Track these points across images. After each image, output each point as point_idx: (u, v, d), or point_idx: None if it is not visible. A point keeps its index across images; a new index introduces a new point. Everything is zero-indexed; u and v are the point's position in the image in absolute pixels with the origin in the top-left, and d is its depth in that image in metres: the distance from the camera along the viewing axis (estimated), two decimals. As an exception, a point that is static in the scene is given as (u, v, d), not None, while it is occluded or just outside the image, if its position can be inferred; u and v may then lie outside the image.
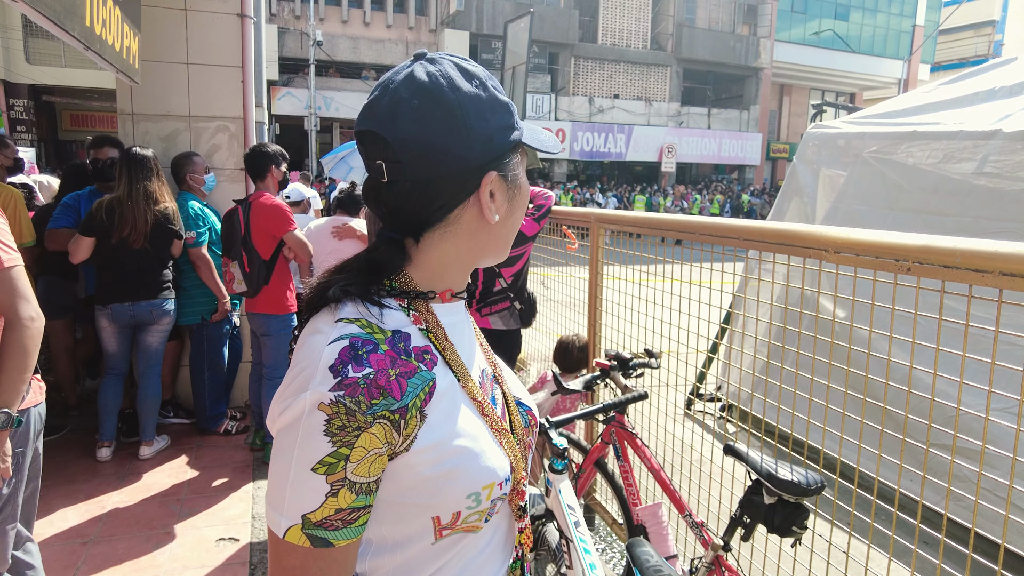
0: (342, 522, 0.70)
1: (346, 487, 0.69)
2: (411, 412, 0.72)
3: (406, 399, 0.72)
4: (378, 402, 0.70)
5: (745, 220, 1.87)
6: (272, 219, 3.54)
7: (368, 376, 0.70)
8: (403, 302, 0.80)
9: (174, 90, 4.18)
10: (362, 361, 0.71)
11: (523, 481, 0.87)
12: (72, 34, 2.15)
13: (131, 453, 3.76)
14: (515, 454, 0.85)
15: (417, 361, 0.76)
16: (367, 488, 0.71)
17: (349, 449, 0.69)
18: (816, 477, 1.71)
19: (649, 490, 2.60)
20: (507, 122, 0.81)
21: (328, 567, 0.71)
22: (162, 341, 3.76)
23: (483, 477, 0.78)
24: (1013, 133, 3.39)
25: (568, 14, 25.35)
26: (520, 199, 0.86)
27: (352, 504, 0.70)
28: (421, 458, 0.74)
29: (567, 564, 1.74)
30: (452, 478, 0.75)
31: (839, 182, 4.41)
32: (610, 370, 2.35)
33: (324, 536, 0.69)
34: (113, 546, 2.84)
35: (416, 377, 0.74)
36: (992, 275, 1.23)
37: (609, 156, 26.77)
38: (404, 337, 0.77)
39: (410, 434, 0.73)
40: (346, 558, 0.73)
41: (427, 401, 0.74)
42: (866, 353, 1.68)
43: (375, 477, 0.72)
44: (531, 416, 0.96)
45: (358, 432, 0.69)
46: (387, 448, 0.71)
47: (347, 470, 0.69)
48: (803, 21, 29.72)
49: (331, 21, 23.46)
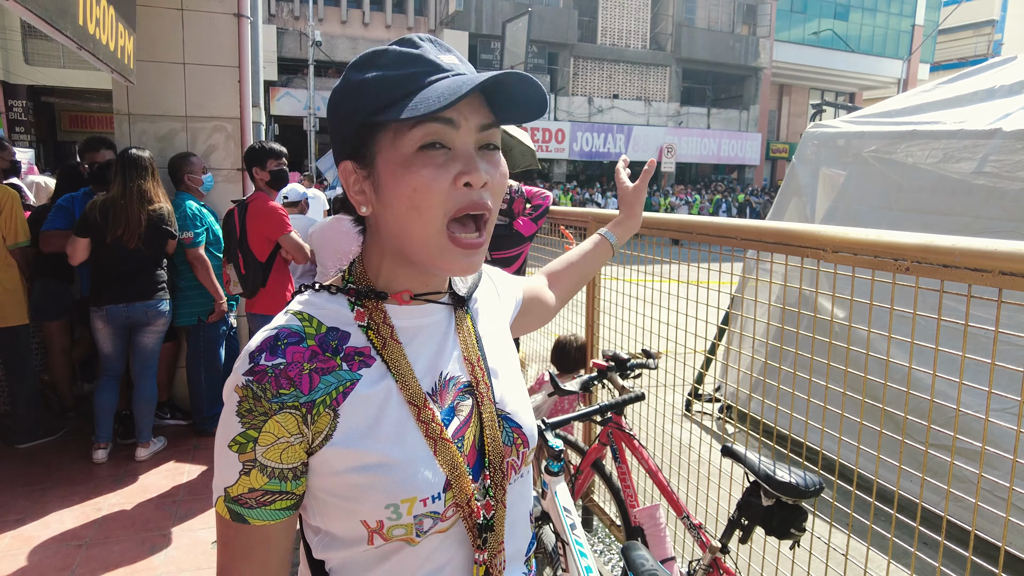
0: (256, 502, 0.72)
1: (257, 468, 0.72)
2: (319, 408, 0.73)
3: (314, 395, 0.73)
4: (286, 392, 0.72)
5: (742, 220, 1.86)
6: (267, 222, 3.53)
7: (278, 367, 0.72)
8: (352, 297, 0.81)
9: (170, 90, 4.17)
10: (277, 352, 0.73)
11: (471, 499, 0.78)
12: (65, 33, 2.14)
13: (127, 455, 3.74)
14: (455, 470, 0.77)
15: (344, 360, 0.76)
16: (280, 474, 0.72)
17: (257, 432, 0.71)
18: (814, 479, 1.69)
19: (647, 492, 2.59)
20: (354, 107, 0.75)
21: (248, 543, 0.74)
22: (158, 342, 3.74)
23: (402, 490, 0.74)
24: (1013, 132, 3.38)
25: (567, 14, 25.36)
26: (392, 190, 0.74)
27: (265, 487, 0.72)
28: (339, 457, 0.74)
29: (563, 567, 1.73)
30: (371, 485, 0.73)
31: (839, 181, 4.40)
32: (607, 371, 2.34)
33: (240, 512, 0.72)
34: (109, 549, 2.83)
35: (332, 375, 0.75)
36: (992, 274, 1.21)
37: (609, 156, 26.76)
38: (340, 336, 0.78)
39: (321, 430, 0.73)
40: (267, 539, 0.74)
41: (340, 400, 0.74)
42: (865, 353, 1.66)
43: (290, 465, 0.73)
44: (518, 435, 0.87)
45: (264, 417, 0.71)
46: (300, 440, 0.73)
47: (256, 452, 0.71)
48: (802, 21, 29.74)
49: (330, 21, 23.47)
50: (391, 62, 0.74)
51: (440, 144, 0.73)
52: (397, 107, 0.71)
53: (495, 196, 0.78)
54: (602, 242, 1.37)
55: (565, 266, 1.33)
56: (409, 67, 0.74)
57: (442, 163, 0.73)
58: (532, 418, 0.92)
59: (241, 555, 0.74)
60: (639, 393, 2.24)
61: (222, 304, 3.93)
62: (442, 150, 0.73)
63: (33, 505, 3.18)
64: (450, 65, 0.75)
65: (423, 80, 0.72)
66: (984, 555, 1.44)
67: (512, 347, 0.99)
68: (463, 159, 0.74)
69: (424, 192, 0.72)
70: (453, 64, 0.75)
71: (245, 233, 3.56)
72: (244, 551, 0.74)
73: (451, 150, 0.74)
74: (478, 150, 0.76)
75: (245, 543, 0.74)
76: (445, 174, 0.73)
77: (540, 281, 1.26)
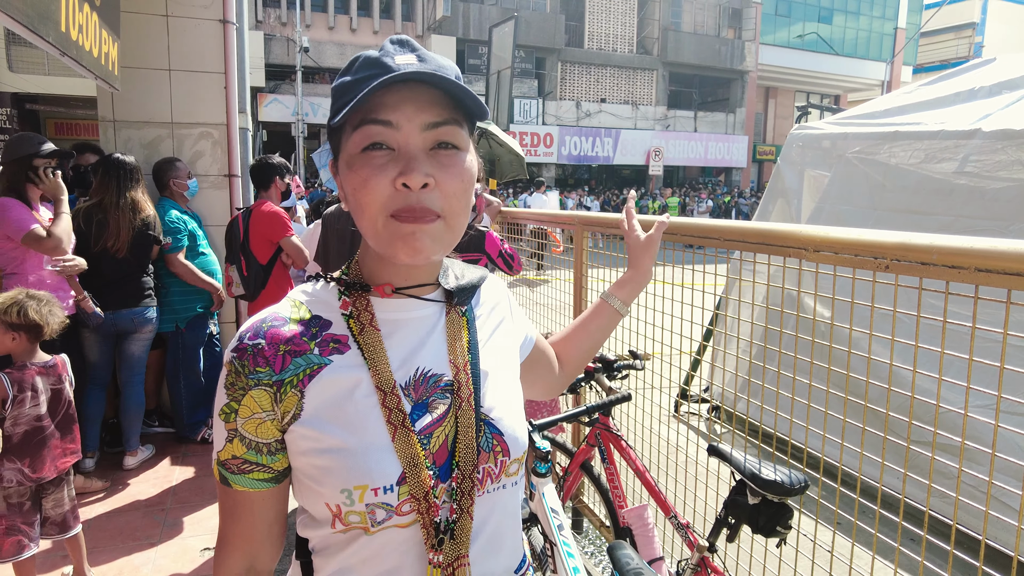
0: (237, 469, 0.79)
1: (238, 438, 0.79)
2: (286, 388, 0.78)
3: (284, 374, 0.78)
4: (262, 371, 0.77)
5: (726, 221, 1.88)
6: (270, 225, 3.60)
7: (257, 346, 0.78)
8: (342, 287, 0.85)
9: (156, 97, 4.15)
10: (260, 333, 0.79)
11: (429, 495, 0.77)
12: (47, 39, 2.13)
13: (115, 463, 3.71)
14: (412, 462, 0.76)
15: (318, 346, 0.80)
16: (256, 446, 0.79)
17: (237, 404, 0.78)
18: (799, 476, 1.70)
19: (635, 492, 2.59)
20: (336, 107, 0.78)
21: (234, 506, 0.82)
22: (144, 349, 3.73)
23: (354, 476, 0.75)
24: (992, 132, 3.42)
25: (554, 19, 25.44)
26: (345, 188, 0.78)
27: (244, 456, 0.79)
28: (304, 438, 0.78)
29: (552, 568, 1.73)
30: (328, 468, 0.77)
31: (823, 183, 4.44)
32: (594, 372, 2.35)
33: (225, 475, 0.80)
34: (95, 558, 2.80)
35: (302, 358, 0.79)
36: (968, 271, 1.23)
37: (597, 160, 26.85)
38: (322, 323, 0.82)
39: (289, 410, 0.78)
40: (250, 504, 0.81)
41: (306, 382, 0.78)
42: (847, 351, 1.68)
43: (264, 440, 0.79)
44: (498, 442, 0.84)
45: (243, 391, 0.78)
46: (271, 417, 0.78)
47: (237, 423, 0.78)
48: (787, 24, 29.99)
49: (318, 27, 23.42)
50: (358, 67, 0.77)
51: (384, 145, 0.74)
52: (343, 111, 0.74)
53: (446, 197, 0.76)
54: (605, 308, 1.24)
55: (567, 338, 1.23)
56: (365, 71, 0.75)
57: (381, 164, 0.74)
58: (521, 429, 0.88)
59: (228, 515, 0.83)
60: (626, 394, 2.25)
61: (221, 293, 4.00)
62: (384, 151, 0.74)
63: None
64: (400, 65, 0.74)
65: (369, 84, 0.72)
66: (969, 550, 1.45)
67: (514, 362, 0.97)
68: (404, 160, 0.74)
69: (363, 191, 0.75)
70: (405, 64, 0.74)
71: (248, 237, 3.63)
72: (230, 512, 0.83)
73: (394, 151, 0.75)
74: (431, 150, 0.76)
75: (231, 505, 0.82)
76: (383, 175, 0.74)
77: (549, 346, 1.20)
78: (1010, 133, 3.34)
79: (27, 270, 3.12)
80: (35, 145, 3.15)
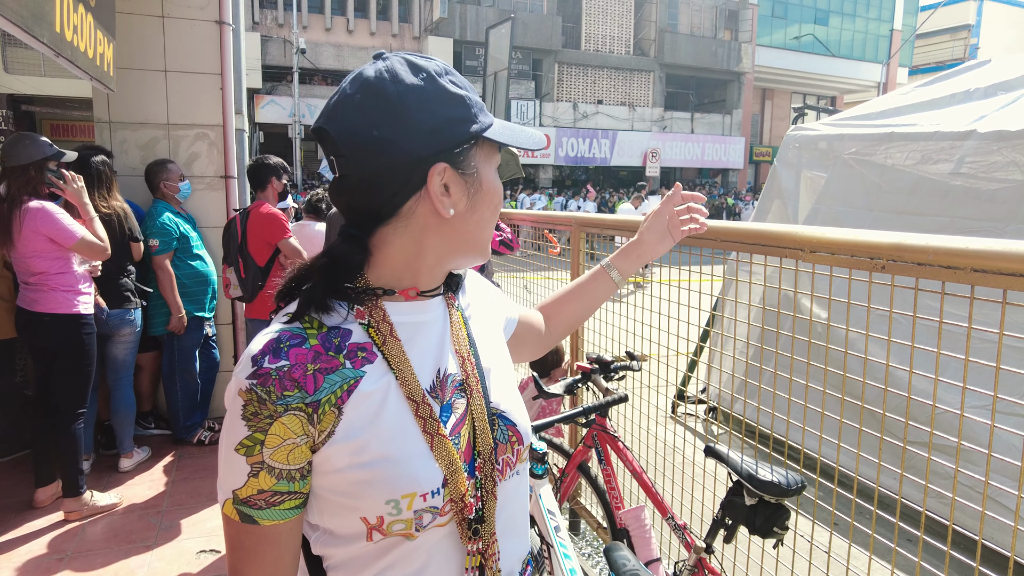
0: (265, 503, 0.73)
1: (265, 470, 0.73)
2: (324, 407, 0.74)
3: (319, 394, 0.74)
4: (291, 394, 0.73)
5: (722, 221, 1.87)
6: (268, 227, 3.61)
7: (282, 368, 0.73)
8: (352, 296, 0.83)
9: (152, 98, 4.14)
10: (280, 354, 0.74)
11: (466, 495, 0.80)
12: (41, 40, 2.12)
13: (111, 465, 3.70)
14: (451, 466, 0.79)
15: (346, 358, 0.77)
16: (288, 475, 0.74)
17: (263, 435, 0.72)
18: (796, 477, 1.70)
19: (632, 493, 2.59)
20: (459, 115, 0.79)
21: (258, 544, 0.75)
22: (128, 352, 3.68)
23: (402, 485, 0.76)
24: (988, 134, 3.43)
25: (551, 20, 25.48)
26: (484, 196, 0.84)
27: (274, 487, 0.73)
28: (340, 454, 0.75)
29: (548, 570, 1.73)
30: (372, 481, 0.75)
31: (820, 184, 4.45)
32: (591, 373, 2.34)
33: (250, 513, 0.73)
34: (90, 561, 2.79)
35: (336, 374, 0.76)
36: (964, 271, 1.23)
37: (594, 161, 26.87)
38: (342, 333, 0.79)
39: (325, 428, 0.74)
40: (277, 538, 0.75)
41: (344, 398, 0.76)
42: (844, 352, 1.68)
43: (297, 465, 0.74)
44: (512, 432, 0.89)
45: (270, 420, 0.72)
46: (306, 440, 0.74)
47: (264, 454, 0.72)
48: (783, 26, 30.07)
49: (314, 29, 23.42)
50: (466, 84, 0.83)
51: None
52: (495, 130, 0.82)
53: None
54: (602, 275, 1.26)
55: (559, 300, 1.28)
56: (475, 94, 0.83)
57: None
58: (526, 418, 0.94)
59: (252, 555, 0.75)
60: (622, 395, 2.25)
61: (181, 317, 3.85)
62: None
63: (13, 517, 3.13)
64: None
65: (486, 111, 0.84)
66: (966, 550, 1.45)
67: (505, 351, 1.01)
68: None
69: (500, 203, 0.88)
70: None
71: (246, 238, 3.63)
72: (254, 552, 0.75)
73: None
74: None
75: (255, 544, 0.75)
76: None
77: (535, 313, 1.25)
78: (1005, 134, 3.35)
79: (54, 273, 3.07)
80: (47, 148, 3.10)
